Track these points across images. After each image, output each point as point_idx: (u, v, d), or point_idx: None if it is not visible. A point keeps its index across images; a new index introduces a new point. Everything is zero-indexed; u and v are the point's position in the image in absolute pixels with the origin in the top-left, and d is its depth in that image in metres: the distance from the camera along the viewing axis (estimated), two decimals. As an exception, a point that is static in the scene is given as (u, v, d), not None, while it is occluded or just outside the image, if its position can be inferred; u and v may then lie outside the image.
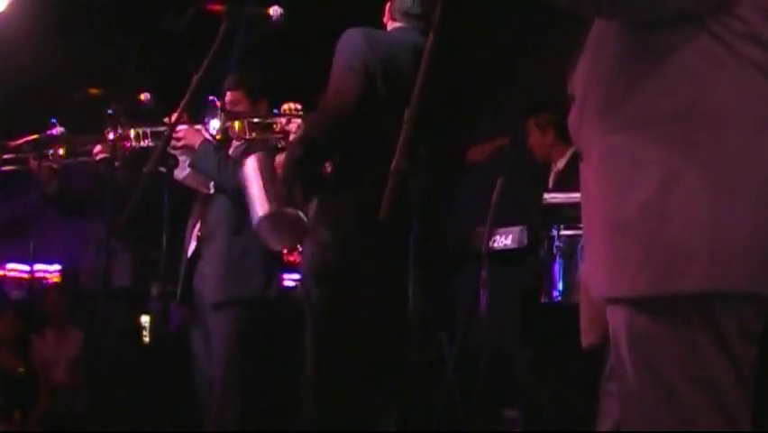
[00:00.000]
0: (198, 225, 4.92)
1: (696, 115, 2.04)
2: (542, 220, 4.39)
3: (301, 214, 3.85)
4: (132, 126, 4.83)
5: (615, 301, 2.10)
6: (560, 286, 4.26)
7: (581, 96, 2.23)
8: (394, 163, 2.18)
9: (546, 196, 4.54)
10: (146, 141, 4.82)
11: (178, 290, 4.93)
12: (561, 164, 5.59)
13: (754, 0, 2.05)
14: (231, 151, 4.86)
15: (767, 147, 2.05)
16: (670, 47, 2.07)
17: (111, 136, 4.77)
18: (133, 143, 4.83)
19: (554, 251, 4.26)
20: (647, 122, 2.07)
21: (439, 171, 3.59)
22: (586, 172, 2.21)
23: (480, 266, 4.51)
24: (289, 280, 5.65)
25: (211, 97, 4.54)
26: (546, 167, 5.72)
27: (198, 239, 4.90)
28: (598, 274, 2.15)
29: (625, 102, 2.10)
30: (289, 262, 5.39)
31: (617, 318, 2.09)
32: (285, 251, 4.92)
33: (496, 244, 4.78)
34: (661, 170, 2.03)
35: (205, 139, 4.63)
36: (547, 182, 5.59)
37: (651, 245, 2.01)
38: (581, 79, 2.24)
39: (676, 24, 2.06)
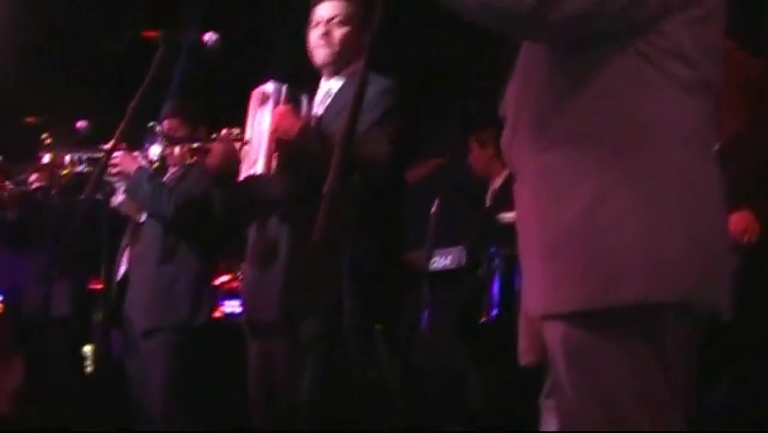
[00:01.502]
0: (129, 252, 4.90)
1: (625, 132, 2.08)
2: (481, 239, 4.43)
3: None
4: (68, 153, 4.80)
5: (552, 317, 2.12)
6: (499, 305, 4.29)
7: (513, 117, 2.26)
8: (326, 185, 2.19)
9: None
10: (82, 167, 4.79)
11: (109, 317, 4.90)
12: (498, 183, 5.62)
13: (678, 18, 2.10)
14: (167, 178, 4.85)
15: (694, 161, 2.11)
16: (597, 66, 2.11)
17: (45, 161, 4.73)
18: (69, 170, 4.80)
19: (493, 270, 4.29)
20: (578, 139, 2.10)
21: (376, 189, 3.61)
22: (520, 191, 2.24)
23: (421, 287, 4.53)
24: (230, 306, 5.64)
25: (150, 123, 4.53)
26: (484, 186, 5.75)
27: (128, 265, 4.88)
28: (534, 292, 2.18)
29: (555, 121, 2.14)
30: (229, 289, 5.38)
31: (554, 335, 2.11)
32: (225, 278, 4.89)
33: (435, 265, 4.81)
34: (593, 187, 2.06)
35: (141, 166, 4.61)
36: (485, 201, 5.62)
37: (587, 260, 2.05)
38: (512, 100, 2.27)
39: (603, 44, 2.10)
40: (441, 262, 4.86)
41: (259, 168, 3.71)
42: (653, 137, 2.08)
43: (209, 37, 3.94)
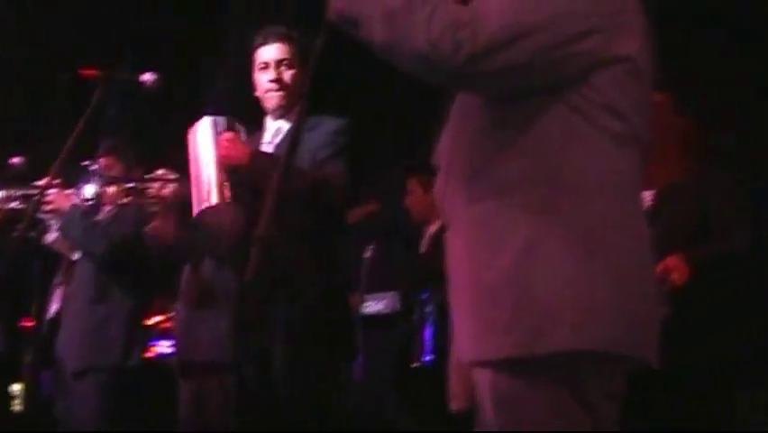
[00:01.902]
0: (61, 290, 4.87)
1: (556, 183, 2.11)
2: (414, 285, 4.45)
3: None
4: (2, 189, 4.76)
5: (481, 364, 2.13)
6: (431, 350, 4.31)
7: (446, 166, 2.28)
8: (258, 229, 2.20)
9: None
10: (15, 204, 4.76)
11: (39, 356, 4.85)
12: (434, 228, 5.64)
13: (609, 72, 2.13)
14: (101, 216, 4.83)
15: (624, 212, 2.15)
16: (530, 118, 2.14)
17: None
18: (2, 207, 4.76)
19: (426, 315, 4.31)
20: (510, 190, 2.13)
21: (309, 235, 3.62)
22: (453, 240, 2.26)
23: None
24: (162, 346, 5.60)
25: (85, 162, 4.52)
26: (419, 230, 5.77)
27: (61, 304, 4.84)
28: (464, 339, 2.19)
29: (488, 171, 2.16)
30: (162, 329, 5.34)
31: (483, 380, 2.13)
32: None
33: (369, 309, 4.82)
34: (524, 236, 2.09)
35: (75, 204, 4.59)
36: (419, 246, 5.63)
37: (516, 309, 2.06)
38: (446, 150, 2.29)
39: (536, 96, 2.14)
40: (374, 306, 4.88)
41: (213, 199, 3.69)
42: (583, 188, 2.11)
43: (148, 77, 3.94)
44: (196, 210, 3.71)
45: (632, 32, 2.18)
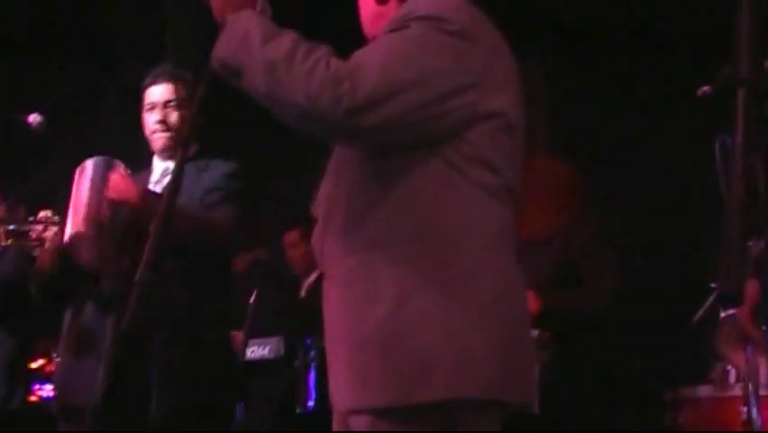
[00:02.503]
0: None
1: (431, 236, 2.16)
2: (298, 330, 4.46)
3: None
4: None
5: (358, 412, 2.16)
6: (314, 396, 4.32)
7: (324, 218, 2.32)
8: (138, 274, 2.20)
9: None
10: None
11: None
12: (313, 277, 5.66)
13: (482, 127, 2.20)
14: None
15: (496, 263, 2.21)
16: (405, 172, 2.19)
17: None
18: None
19: (309, 361, 4.33)
20: (386, 242, 2.18)
21: (195, 281, 3.61)
22: (329, 290, 2.29)
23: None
24: (42, 390, 5.51)
25: (-34, 203, 4.44)
26: (297, 279, 5.79)
27: None
28: (341, 388, 2.22)
29: (364, 223, 2.20)
30: (45, 373, 5.26)
31: (360, 428, 2.16)
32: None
33: (253, 354, 4.82)
34: (399, 287, 2.13)
35: (-44, 244, 4.51)
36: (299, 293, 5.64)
37: (391, 359, 2.11)
38: (324, 201, 2.33)
39: (411, 150, 2.19)
40: (258, 351, 4.87)
41: (80, 227, 3.65)
42: (458, 240, 2.17)
43: (34, 118, 3.91)
44: (66, 240, 3.68)
45: (504, 88, 2.26)
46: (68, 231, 3.70)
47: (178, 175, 2.35)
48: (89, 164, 3.79)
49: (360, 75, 2.09)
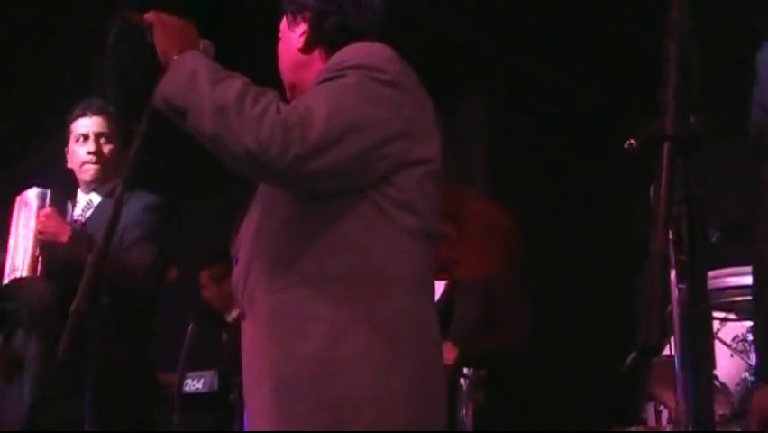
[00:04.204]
0: None
1: (358, 277, 2.21)
2: (233, 364, 4.44)
3: None
4: None
5: None
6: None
7: (248, 257, 2.34)
8: (74, 304, 2.21)
9: None
10: None
11: None
12: (235, 313, 5.64)
13: (411, 173, 2.26)
14: None
15: (421, 306, 2.27)
16: (334, 215, 2.23)
17: None
18: None
19: (244, 396, 4.31)
20: (314, 282, 2.20)
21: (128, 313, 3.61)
22: (250, 330, 2.31)
23: (172, 409, 4.51)
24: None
25: None
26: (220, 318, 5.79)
27: None
28: (262, 426, 2.23)
29: (293, 263, 2.23)
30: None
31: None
32: None
33: (187, 388, 4.80)
34: (327, 327, 2.17)
35: None
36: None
37: (319, 397, 2.13)
38: (248, 240, 2.35)
39: (341, 194, 2.23)
40: (193, 385, 4.86)
41: (24, 271, 3.65)
42: (387, 283, 2.22)
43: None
44: (6, 279, 3.68)
45: (431, 136, 2.33)
46: (8, 272, 3.70)
47: (115, 214, 2.36)
48: (31, 195, 3.79)
49: (308, 122, 2.12)
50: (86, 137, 3.96)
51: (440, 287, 4.25)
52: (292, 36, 2.51)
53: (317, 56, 2.46)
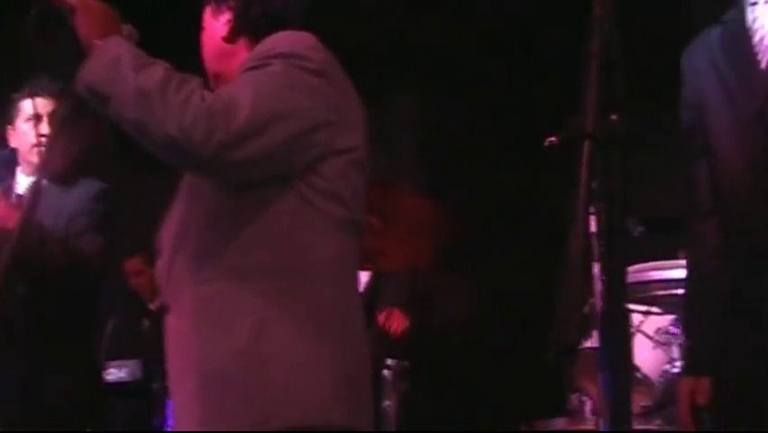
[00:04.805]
0: None
1: (286, 268, 2.20)
2: (156, 354, 4.41)
3: None
4: None
5: None
6: (171, 421, 4.27)
7: (172, 248, 2.31)
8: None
9: None
10: None
11: None
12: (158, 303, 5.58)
13: (336, 162, 2.26)
14: None
15: (347, 297, 2.28)
16: (259, 205, 2.22)
17: None
18: None
19: (167, 385, 4.28)
20: (241, 273, 2.19)
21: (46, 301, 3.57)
22: (174, 323, 2.29)
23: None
24: None
25: None
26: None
27: None
28: (187, 420, 2.22)
29: (219, 254, 2.21)
30: None
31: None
32: None
33: (110, 377, 4.76)
34: (255, 319, 2.16)
35: None
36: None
37: (248, 390, 2.13)
38: (172, 232, 2.33)
39: (267, 183, 2.22)
40: (116, 374, 4.82)
41: None
42: (313, 274, 2.22)
43: None
44: None
45: (356, 126, 2.33)
46: None
47: (36, 195, 2.32)
48: None
49: (232, 110, 2.10)
50: (38, 118, 3.81)
51: (364, 277, 4.25)
52: (216, 25, 2.48)
53: (242, 45, 2.44)
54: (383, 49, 5.96)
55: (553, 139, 1.45)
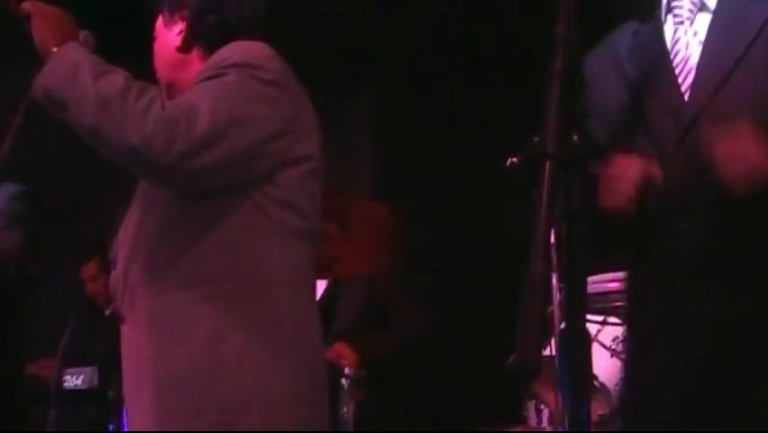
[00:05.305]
0: None
1: (241, 278, 2.20)
2: (113, 361, 4.38)
3: None
4: None
5: None
6: (127, 428, 4.24)
7: (127, 259, 2.30)
8: None
9: None
10: None
11: None
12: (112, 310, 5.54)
13: (292, 171, 2.27)
14: None
15: (303, 305, 2.29)
16: (215, 214, 2.22)
17: None
18: None
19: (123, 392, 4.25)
20: (196, 283, 2.19)
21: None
22: (130, 333, 2.28)
23: (49, 405, 4.43)
24: None
25: None
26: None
27: None
28: (144, 428, 2.22)
29: (174, 264, 2.21)
30: None
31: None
32: None
33: (66, 384, 4.73)
34: (211, 327, 2.16)
35: None
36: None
37: (203, 398, 2.13)
38: (127, 242, 2.31)
39: (222, 193, 2.22)
40: (72, 381, 4.79)
41: None
42: (269, 283, 2.22)
43: None
44: None
45: (311, 135, 2.34)
46: None
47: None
48: None
49: (192, 119, 2.10)
50: None
51: (321, 285, 4.25)
52: (169, 35, 2.46)
53: (195, 55, 2.43)
54: (340, 50, 5.95)
55: (514, 159, 1.44)
